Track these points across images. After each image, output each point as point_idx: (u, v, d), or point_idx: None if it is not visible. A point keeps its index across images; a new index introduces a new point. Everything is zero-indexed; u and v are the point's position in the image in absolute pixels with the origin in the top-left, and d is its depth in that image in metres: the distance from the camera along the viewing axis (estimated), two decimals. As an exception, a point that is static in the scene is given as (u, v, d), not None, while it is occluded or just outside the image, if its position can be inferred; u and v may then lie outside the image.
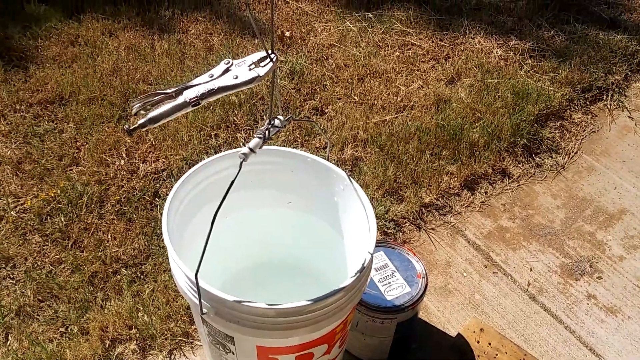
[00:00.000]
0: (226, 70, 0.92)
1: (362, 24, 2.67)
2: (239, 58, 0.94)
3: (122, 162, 1.95)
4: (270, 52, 0.92)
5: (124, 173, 1.92)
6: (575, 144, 2.23)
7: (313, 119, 2.09)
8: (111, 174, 1.91)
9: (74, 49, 2.44)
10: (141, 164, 1.95)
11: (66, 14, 2.61)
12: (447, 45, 2.56)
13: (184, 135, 2.05)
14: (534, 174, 2.11)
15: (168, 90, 0.91)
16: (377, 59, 2.47)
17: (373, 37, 2.60)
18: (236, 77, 0.90)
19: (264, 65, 0.92)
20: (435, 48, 2.55)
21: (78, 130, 2.08)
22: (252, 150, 0.94)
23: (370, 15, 2.72)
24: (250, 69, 0.91)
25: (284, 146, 1.44)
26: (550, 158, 2.17)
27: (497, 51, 2.53)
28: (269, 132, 0.98)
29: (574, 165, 2.16)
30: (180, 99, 0.89)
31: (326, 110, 2.23)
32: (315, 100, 2.26)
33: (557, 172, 2.12)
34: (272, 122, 0.99)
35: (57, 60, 2.38)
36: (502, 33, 2.64)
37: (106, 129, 2.08)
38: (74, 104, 2.17)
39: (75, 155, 1.98)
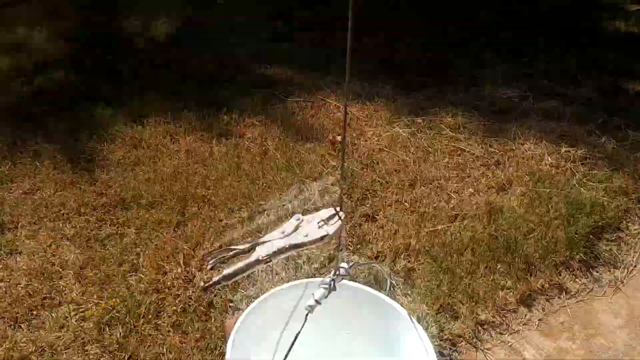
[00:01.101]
0: (297, 227, 0.95)
1: (411, 129, 2.74)
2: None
3: (179, 269, 2.00)
4: (339, 210, 0.96)
5: (181, 282, 1.96)
6: (633, 257, 2.17)
7: (376, 264, 2.07)
8: (168, 283, 1.96)
9: (137, 152, 2.57)
10: (197, 273, 2.00)
11: (131, 118, 2.77)
12: (497, 151, 2.59)
13: (240, 242, 2.10)
14: (592, 289, 2.05)
15: (242, 247, 0.95)
16: (427, 164, 2.51)
17: (422, 142, 2.65)
18: (306, 235, 0.94)
19: (333, 223, 0.95)
20: (485, 154, 2.58)
21: (138, 235, 2.15)
22: (318, 302, 0.97)
23: (419, 120, 2.79)
24: (319, 227, 0.95)
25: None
26: (608, 272, 2.11)
27: (548, 158, 2.53)
28: (334, 283, 1.00)
29: (633, 280, 2.09)
30: (253, 257, 0.93)
31: (377, 217, 2.25)
32: (366, 206, 2.30)
33: (617, 288, 2.06)
34: (338, 272, 1.02)
35: (121, 163, 2.51)
36: (552, 139, 2.65)
37: (165, 234, 2.15)
38: (135, 208, 2.27)
39: (134, 261, 2.05)
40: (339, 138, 2.65)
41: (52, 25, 3.66)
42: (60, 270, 2.01)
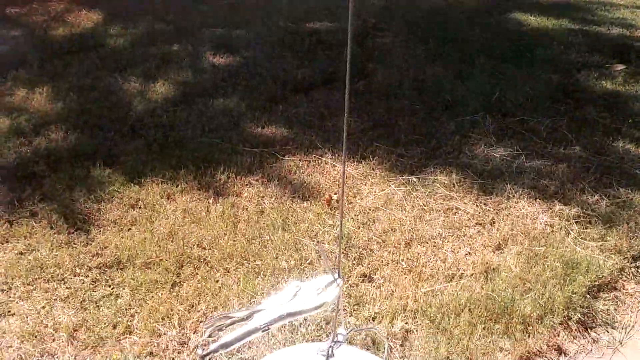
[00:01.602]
0: (295, 294, 0.96)
1: (407, 187, 2.77)
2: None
3: (174, 332, 1.98)
4: (337, 277, 0.97)
5: (175, 344, 1.94)
6: (631, 317, 2.16)
7: (373, 327, 2.05)
8: (163, 345, 1.93)
9: (133, 212, 2.58)
10: (192, 335, 1.97)
11: (128, 178, 2.80)
12: (491, 209, 2.62)
13: (235, 303, 2.08)
14: (590, 350, 2.03)
15: (239, 314, 0.95)
16: (422, 223, 2.53)
17: (418, 200, 2.68)
18: (305, 303, 0.94)
19: (331, 290, 0.96)
20: (480, 213, 2.60)
21: (133, 296, 2.14)
22: (316, 370, 0.96)
23: (414, 179, 2.83)
24: (318, 294, 0.95)
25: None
26: (606, 332, 2.09)
27: (542, 216, 2.56)
28: (332, 349, 0.99)
29: (631, 341, 2.07)
30: (251, 325, 0.93)
31: (374, 277, 2.25)
32: (363, 265, 2.30)
33: (615, 349, 2.04)
34: (336, 338, 1.01)
35: (118, 223, 2.52)
36: (546, 197, 2.68)
37: (160, 295, 2.13)
38: (130, 269, 2.26)
39: (128, 323, 2.02)
40: (335, 197, 2.68)
41: (52, 87, 3.74)
42: (53, 332, 1.99)
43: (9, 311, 2.08)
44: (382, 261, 2.32)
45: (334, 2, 5.62)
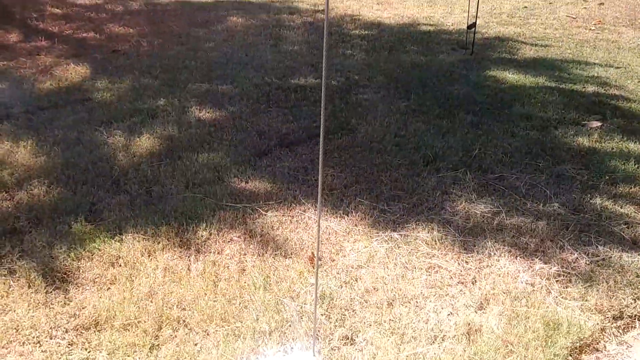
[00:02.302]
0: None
1: (389, 244, 2.78)
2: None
3: (151, 398, 1.93)
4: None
5: (152, 412, 1.88)
6: (614, 379, 2.15)
7: None
8: (139, 414, 1.88)
9: (113, 271, 2.55)
10: (169, 402, 1.93)
11: (110, 235, 2.78)
12: (473, 267, 2.63)
13: (214, 367, 2.04)
14: (575, 414, 2.01)
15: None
16: (405, 282, 2.53)
17: (400, 258, 2.69)
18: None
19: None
20: (461, 271, 2.61)
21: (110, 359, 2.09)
22: None
23: (397, 236, 2.84)
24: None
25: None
26: (590, 396, 2.08)
27: (523, 275, 2.58)
28: None
29: (616, 404, 2.06)
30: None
31: (356, 340, 2.23)
32: (345, 327, 2.28)
33: (600, 413, 2.02)
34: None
35: (97, 282, 2.49)
36: (527, 255, 2.71)
37: (138, 359, 2.09)
38: (108, 331, 2.22)
39: (104, 389, 1.97)
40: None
41: (37, 140, 3.75)
42: (26, 400, 1.92)
43: (-19, 377, 2.02)
44: (365, 322, 2.30)
45: (318, 58, 5.76)
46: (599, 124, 4.25)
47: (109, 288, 2.45)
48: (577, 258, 2.71)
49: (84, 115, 4.15)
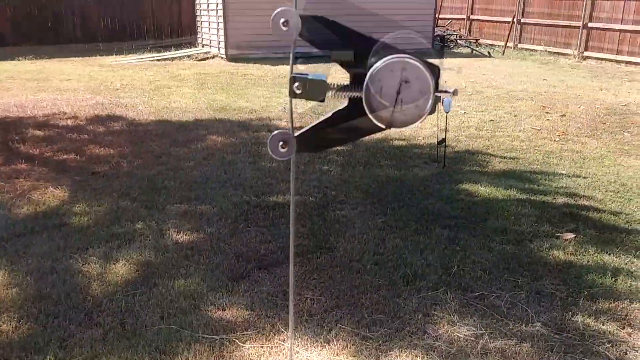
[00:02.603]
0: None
1: (372, 375, 2.69)
2: None
3: None
4: None
5: None
6: None
7: None
8: None
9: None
10: None
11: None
12: (459, 398, 2.54)
13: None
14: None
15: None
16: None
17: (384, 390, 2.59)
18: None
19: None
20: (447, 403, 2.52)
21: None
22: None
23: (379, 365, 2.76)
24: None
25: None
26: None
27: (511, 405, 2.49)
28: None
29: None
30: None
31: None
32: None
33: None
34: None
35: None
36: (513, 382, 2.64)
37: None
38: None
39: None
40: (297, 390, 2.57)
41: (10, 271, 3.66)
42: None
43: None
44: None
45: (296, 174, 5.89)
46: (572, 235, 4.33)
47: None
48: (564, 383, 2.65)
49: (59, 242, 4.11)
